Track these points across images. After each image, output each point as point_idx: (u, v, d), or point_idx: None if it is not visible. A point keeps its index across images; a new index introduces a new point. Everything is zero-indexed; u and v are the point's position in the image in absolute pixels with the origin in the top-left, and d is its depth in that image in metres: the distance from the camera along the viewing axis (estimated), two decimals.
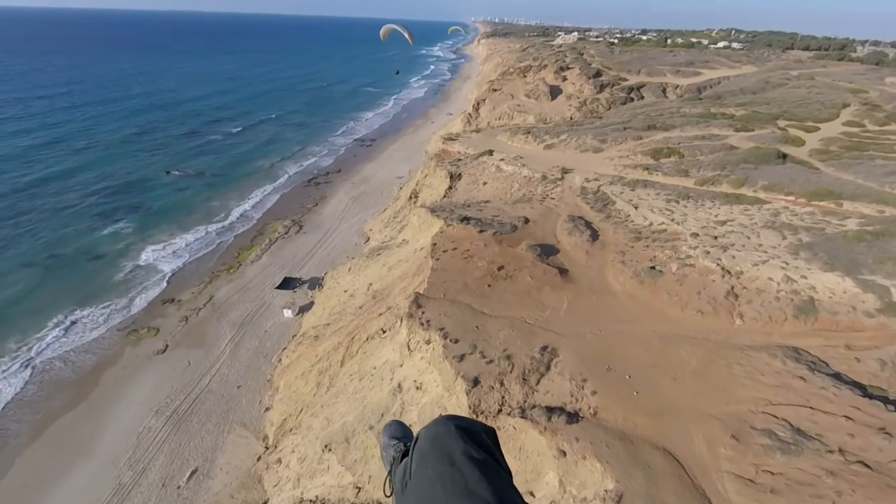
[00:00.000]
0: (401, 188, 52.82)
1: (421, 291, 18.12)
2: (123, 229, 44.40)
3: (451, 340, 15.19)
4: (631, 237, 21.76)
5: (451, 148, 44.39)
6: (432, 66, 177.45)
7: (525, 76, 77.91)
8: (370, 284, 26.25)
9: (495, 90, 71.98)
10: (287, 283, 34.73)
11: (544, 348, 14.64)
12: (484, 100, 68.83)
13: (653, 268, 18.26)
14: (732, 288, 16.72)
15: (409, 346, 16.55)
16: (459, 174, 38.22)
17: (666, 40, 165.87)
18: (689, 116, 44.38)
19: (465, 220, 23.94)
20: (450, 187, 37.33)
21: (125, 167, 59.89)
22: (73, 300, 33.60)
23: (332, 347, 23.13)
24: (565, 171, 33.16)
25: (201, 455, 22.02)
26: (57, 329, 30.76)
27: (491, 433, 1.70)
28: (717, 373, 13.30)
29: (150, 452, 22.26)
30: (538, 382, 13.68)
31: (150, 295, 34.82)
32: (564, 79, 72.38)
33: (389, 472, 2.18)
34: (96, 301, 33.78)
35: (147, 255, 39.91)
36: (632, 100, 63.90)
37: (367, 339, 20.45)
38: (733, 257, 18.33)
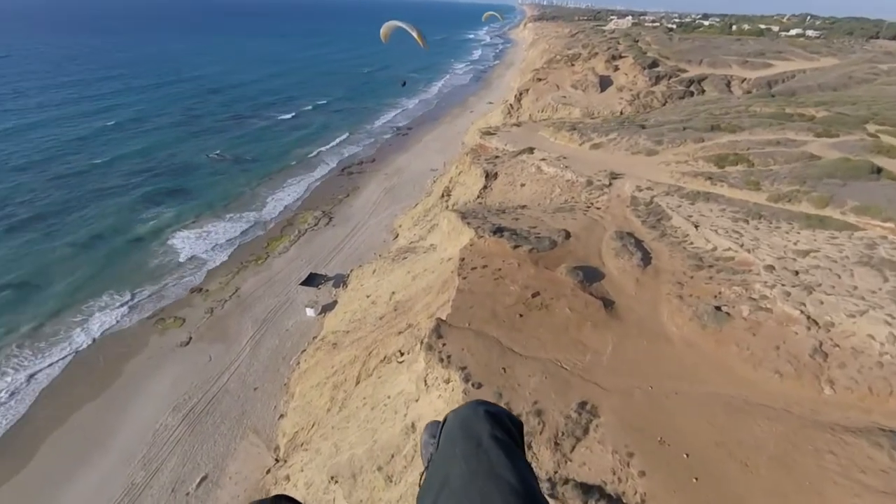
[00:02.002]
0: (434, 182, 50.82)
1: (443, 317, 16.20)
2: (162, 213, 45.09)
3: (472, 385, 13.23)
4: (690, 264, 18.80)
5: (488, 143, 41.76)
6: (476, 51, 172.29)
7: (573, 65, 73.07)
8: (393, 293, 24.63)
9: (540, 80, 67.89)
10: (312, 280, 33.85)
11: (582, 405, 12.41)
12: (527, 90, 65.05)
13: (718, 309, 15.42)
14: (821, 345, 13.71)
15: (425, 381, 14.74)
16: (496, 173, 35.69)
17: (731, 26, 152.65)
18: (759, 117, 39.41)
19: (499, 231, 21.67)
20: (484, 187, 34.94)
21: (171, 150, 61.10)
22: (109, 284, 34.24)
23: (348, 361, 21.78)
24: (614, 176, 29.96)
25: (213, 461, 21.46)
26: (93, 313, 31.29)
27: (518, 424, 1.73)
28: (802, 462, 10.65)
29: (163, 452, 21.95)
30: (573, 449, 11.52)
31: (179, 283, 34.98)
32: (616, 69, 67.18)
33: (426, 468, 2.07)
34: (130, 286, 34.25)
35: (181, 242, 40.22)
36: (691, 94, 58.34)
37: (384, 360, 18.87)
38: (821, 303, 15.17)
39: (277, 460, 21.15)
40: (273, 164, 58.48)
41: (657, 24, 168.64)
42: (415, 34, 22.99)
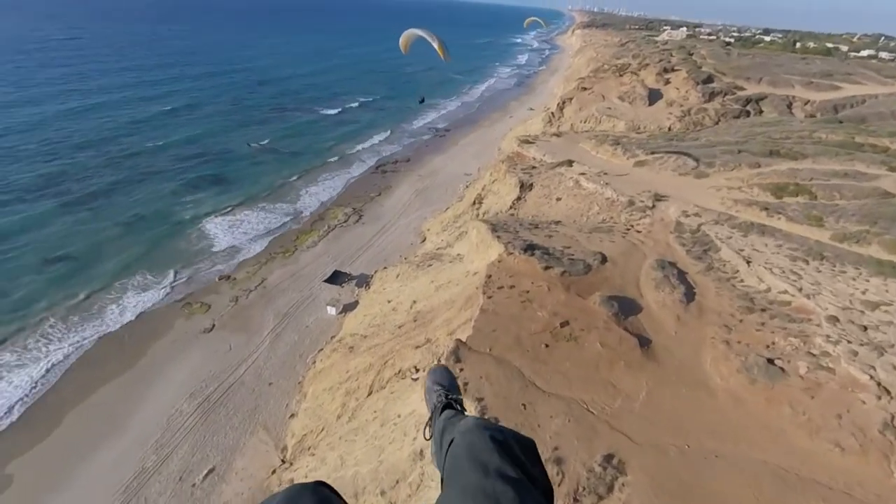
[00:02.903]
0: (467, 187, 49.98)
1: (464, 338, 15.31)
2: (202, 199, 46.32)
3: (488, 420, 12.25)
4: (740, 306, 17.10)
5: (526, 152, 40.54)
6: (521, 56, 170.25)
7: (621, 75, 70.46)
8: (414, 302, 23.94)
9: (585, 89, 65.79)
10: (336, 278, 33.68)
11: (608, 458, 11.22)
12: (570, 98, 63.12)
13: (771, 362, 13.80)
14: (892, 419, 11.94)
15: None
16: (531, 184, 34.47)
17: (794, 43, 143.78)
18: (825, 144, 36.35)
19: (530, 249, 20.56)
20: (518, 198, 33.79)
21: (216, 138, 62.83)
22: (145, 264, 35.29)
23: (363, 368, 21.24)
24: (658, 197, 28.19)
25: (221, 454, 21.41)
26: (127, 292, 32.24)
27: (528, 447, 1.69)
28: None
29: (176, 438, 22.10)
30: None
31: (210, 269, 35.64)
32: (667, 82, 64.21)
33: (430, 418, 2.40)
34: (164, 268, 35.18)
35: (216, 228, 41.10)
36: (748, 114, 54.86)
37: (399, 373, 18.16)
38: (894, 368, 13.30)
39: (284, 461, 20.86)
40: (312, 158, 59.14)
41: (713, 37, 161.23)
42: (436, 45, 20.37)
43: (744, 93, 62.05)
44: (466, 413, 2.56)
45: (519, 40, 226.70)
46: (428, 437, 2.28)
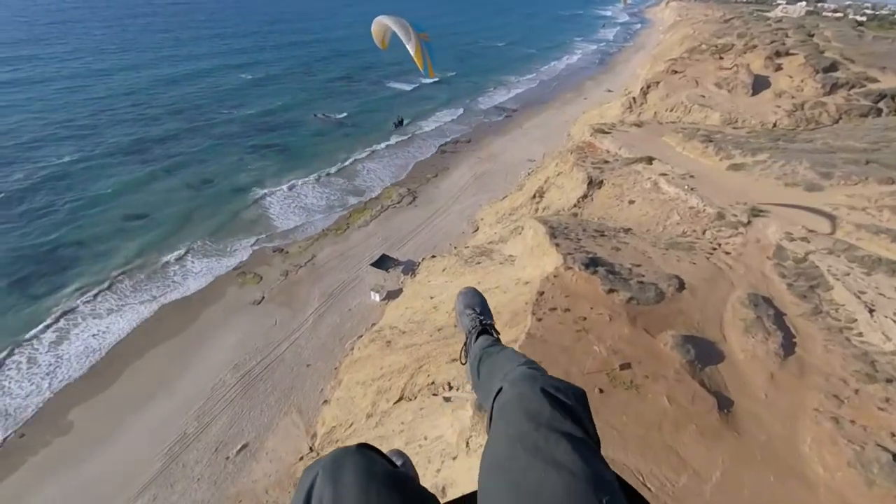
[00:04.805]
0: (528, 174, 46.88)
1: None
2: (265, 168, 47.63)
3: None
4: (857, 370, 13.65)
5: (599, 143, 36.67)
6: (604, 30, 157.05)
7: (721, 57, 61.88)
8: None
9: (675, 72, 58.53)
10: (382, 262, 33.03)
11: None
12: (657, 82, 56.47)
13: None
14: None
15: (468, 443, 12.44)
16: (601, 181, 31.05)
17: None
18: None
19: (593, 265, 18.03)
20: (585, 196, 30.61)
21: (289, 112, 63.57)
22: (206, 229, 36.90)
23: (397, 368, 20.31)
24: (755, 212, 23.92)
25: (255, 430, 21.82)
26: (190, 256, 33.88)
27: (581, 397, 1.64)
28: None
29: (217, 408, 22.85)
30: None
31: (265, 240, 36.48)
32: (779, 68, 55.24)
33: (465, 343, 2.56)
34: (225, 234, 36.65)
35: (275, 199, 42.08)
36: (878, 112, 45.70)
37: (431, 386, 16.91)
38: None
39: (312, 449, 20.80)
40: (378, 135, 58.38)
41: (840, 14, 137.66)
42: (412, 50, 14.08)
43: (876, 86, 51.77)
44: (501, 339, 2.60)
45: (608, 13, 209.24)
46: (464, 361, 2.40)
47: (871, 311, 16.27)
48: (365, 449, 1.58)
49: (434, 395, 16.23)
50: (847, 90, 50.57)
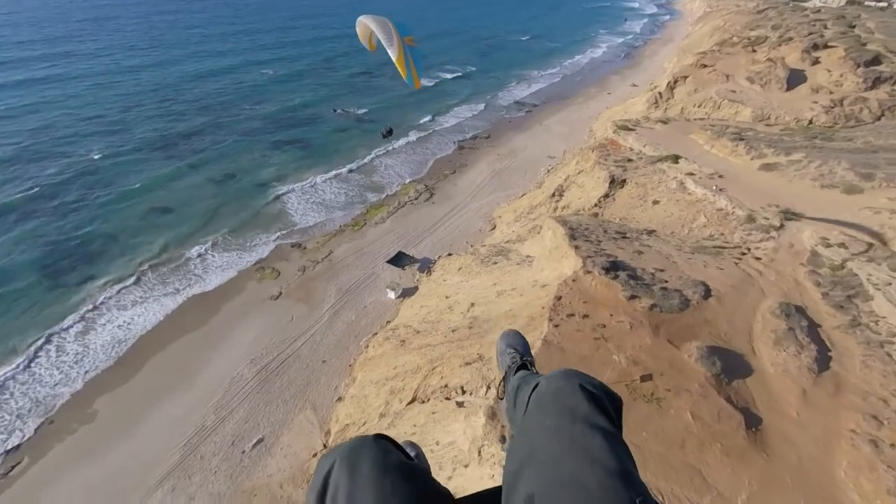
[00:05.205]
0: (548, 171, 46.00)
1: None
2: (286, 163, 48.10)
3: None
4: None
5: (622, 141, 35.58)
6: (630, 22, 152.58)
7: (754, 50, 59.28)
8: (472, 305, 22.10)
9: (705, 66, 56.27)
10: (399, 260, 32.95)
11: None
12: (685, 77, 54.47)
13: None
14: None
15: (480, 452, 12.17)
16: (623, 180, 30.12)
17: None
18: None
19: (613, 269, 17.42)
20: (606, 195, 29.76)
21: (310, 108, 63.58)
22: (228, 224, 37.51)
23: (411, 368, 20.17)
24: (788, 215, 22.75)
25: (270, 425, 22.07)
26: (212, 251, 34.48)
27: (616, 401, 1.64)
28: None
29: (234, 402, 23.21)
30: None
31: (284, 235, 36.85)
32: (816, 61, 52.53)
33: (504, 379, 2.49)
34: (245, 229, 37.19)
35: (294, 195, 42.41)
36: None
37: (444, 390, 16.68)
38: None
39: (325, 446, 20.91)
40: (397, 130, 57.65)
41: (885, 4, 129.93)
42: (393, 54, 12.26)
43: None
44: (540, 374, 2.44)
45: (636, 4, 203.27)
46: (501, 397, 2.31)
47: None
48: (381, 439, 1.60)
49: (447, 398, 16.00)
50: (891, 85, 47.60)
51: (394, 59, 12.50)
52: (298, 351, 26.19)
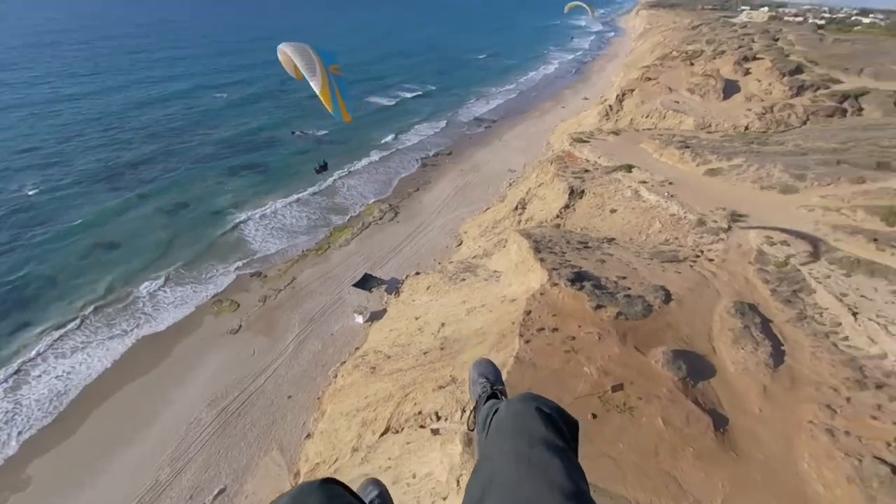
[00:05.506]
0: (510, 185, 46.93)
1: None
2: (243, 188, 46.49)
3: None
4: (847, 377, 13.49)
5: (578, 153, 36.83)
6: (578, 40, 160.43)
7: (692, 63, 63.54)
8: (443, 325, 21.82)
9: (649, 79, 59.72)
10: (365, 282, 32.28)
11: None
12: (632, 90, 57.52)
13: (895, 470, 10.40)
14: None
15: (458, 482, 11.78)
16: (582, 191, 31.06)
17: None
18: None
19: (579, 280, 17.70)
20: (566, 206, 30.54)
21: (266, 131, 61.89)
22: (182, 257, 35.52)
23: (382, 396, 19.51)
24: (735, 217, 24.08)
25: (233, 473, 20.62)
26: (164, 286, 32.44)
27: (572, 424, 1.69)
28: None
29: (192, 450, 21.58)
30: None
31: (242, 264, 35.31)
32: (747, 72, 56.90)
33: (474, 408, 2.51)
34: (199, 260, 35.35)
35: (253, 222, 40.94)
36: (844, 112, 47.19)
37: (418, 417, 16.19)
38: None
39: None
40: (358, 150, 57.52)
41: (801, 18, 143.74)
42: (316, 86, 11.41)
43: (840, 87, 53.66)
44: None
45: (582, 23, 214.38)
46: (471, 427, 2.31)
47: (854, 314, 16.25)
48: (330, 484, 1.59)
49: (422, 426, 15.52)
50: (813, 92, 52.22)
51: (317, 91, 11.44)
52: (262, 387, 24.85)
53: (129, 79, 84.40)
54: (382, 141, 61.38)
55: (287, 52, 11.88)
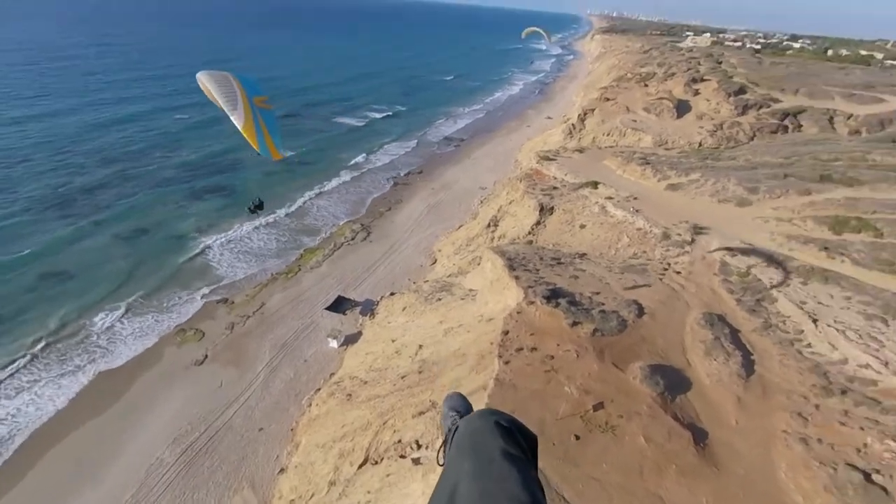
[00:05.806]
0: (482, 202, 47.42)
1: None
2: (207, 212, 44.70)
3: None
4: (814, 384, 14.04)
5: (545, 170, 37.73)
6: (539, 62, 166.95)
7: (646, 85, 67.10)
8: (420, 346, 21.37)
9: (608, 99, 62.58)
10: (339, 305, 31.41)
11: None
12: (593, 109, 60.01)
13: (868, 478, 10.77)
14: None
15: None
16: (552, 207, 31.68)
17: (826, 51, 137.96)
18: (881, 168, 32.61)
19: (554, 297, 17.81)
20: (538, 223, 31.03)
21: (233, 153, 60.11)
22: (143, 285, 33.52)
23: (360, 425, 18.74)
24: (697, 230, 25.11)
25: None
26: (121, 320, 30.27)
27: (530, 438, 1.74)
28: None
29: (153, 494, 19.94)
30: None
31: (207, 290, 33.67)
32: (697, 93, 60.59)
33: (444, 442, 2.33)
34: (161, 288, 33.49)
35: (217, 246, 39.32)
36: (785, 129, 50.91)
37: (398, 446, 15.58)
38: None
39: None
40: (328, 171, 56.77)
41: (739, 43, 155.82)
42: (238, 121, 10.09)
43: (780, 105, 58.00)
44: None
45: (543, 46, 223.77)
46: (441, 462, 2.14)
47: (814, 321, 17.08)
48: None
49: (402, 456, 14.91)
50: (756, 110, 56.14)
51: (239, 127, 9.72)
52: (230, 421, 23.41)
53: (81, 101, 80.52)
54: (353, 161, 60.97)
55: (204, 83, 9.99)
